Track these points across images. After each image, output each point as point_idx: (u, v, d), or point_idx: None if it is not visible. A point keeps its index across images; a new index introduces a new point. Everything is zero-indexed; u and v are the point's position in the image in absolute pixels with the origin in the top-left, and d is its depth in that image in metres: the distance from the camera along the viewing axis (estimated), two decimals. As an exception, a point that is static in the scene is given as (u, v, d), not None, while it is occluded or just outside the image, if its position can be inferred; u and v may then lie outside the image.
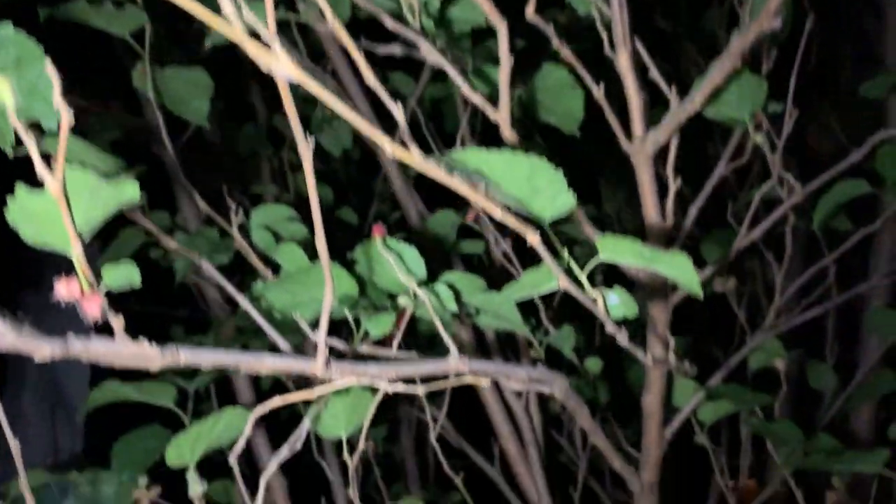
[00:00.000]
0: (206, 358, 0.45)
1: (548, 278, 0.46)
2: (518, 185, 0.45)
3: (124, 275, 0.34)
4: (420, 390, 0.53)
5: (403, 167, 1.24)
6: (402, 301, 0.64)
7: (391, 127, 1.31)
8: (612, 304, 0.48)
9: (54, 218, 0.31)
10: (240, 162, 1.51)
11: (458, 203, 1.18)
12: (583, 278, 0.46)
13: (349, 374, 0.50)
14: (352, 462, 0.64)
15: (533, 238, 0.42)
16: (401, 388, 0.51)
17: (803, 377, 1.04)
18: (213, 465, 0.68)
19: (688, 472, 1.52)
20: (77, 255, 0.32)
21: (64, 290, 0.33)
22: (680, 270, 0.45)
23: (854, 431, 1.14)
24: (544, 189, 0.46)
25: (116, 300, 0.38)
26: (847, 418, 1.13)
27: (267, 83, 1.52)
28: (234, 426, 0.62)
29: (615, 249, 0.46)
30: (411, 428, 1.54)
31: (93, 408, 0.87)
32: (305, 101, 1.29)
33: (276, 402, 0.51)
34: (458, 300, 0.69)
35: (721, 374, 0.80)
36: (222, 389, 1.17)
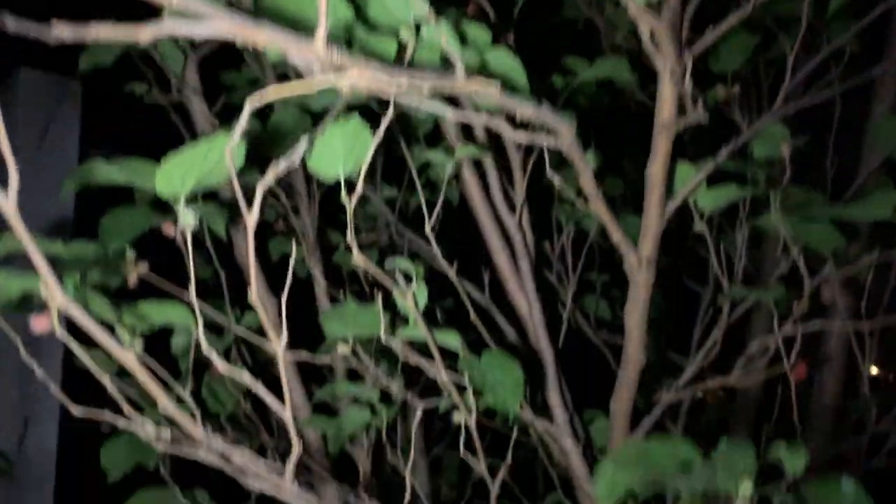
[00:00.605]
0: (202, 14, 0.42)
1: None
2: None
3: None
4: (425, 90, 0.50)
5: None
6: (404, 34, 0.60)
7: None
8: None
9: None
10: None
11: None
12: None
13: (352, 65, 0.47)
14: (350, 203, 0.62)
15: None
16: (405, 85, 0.49)
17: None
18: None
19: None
20: None
21: None
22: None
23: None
24: None
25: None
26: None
27: None
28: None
29: None
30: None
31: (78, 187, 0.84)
32: None
33: (272, 93, 0.48)
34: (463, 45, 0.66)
35: (725, 152, 0.78)
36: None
